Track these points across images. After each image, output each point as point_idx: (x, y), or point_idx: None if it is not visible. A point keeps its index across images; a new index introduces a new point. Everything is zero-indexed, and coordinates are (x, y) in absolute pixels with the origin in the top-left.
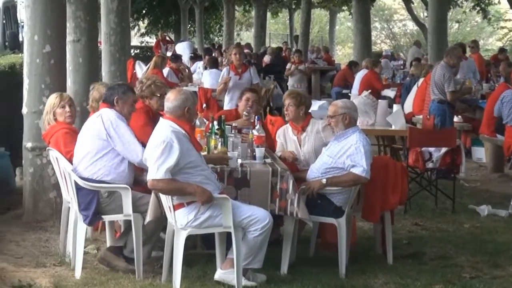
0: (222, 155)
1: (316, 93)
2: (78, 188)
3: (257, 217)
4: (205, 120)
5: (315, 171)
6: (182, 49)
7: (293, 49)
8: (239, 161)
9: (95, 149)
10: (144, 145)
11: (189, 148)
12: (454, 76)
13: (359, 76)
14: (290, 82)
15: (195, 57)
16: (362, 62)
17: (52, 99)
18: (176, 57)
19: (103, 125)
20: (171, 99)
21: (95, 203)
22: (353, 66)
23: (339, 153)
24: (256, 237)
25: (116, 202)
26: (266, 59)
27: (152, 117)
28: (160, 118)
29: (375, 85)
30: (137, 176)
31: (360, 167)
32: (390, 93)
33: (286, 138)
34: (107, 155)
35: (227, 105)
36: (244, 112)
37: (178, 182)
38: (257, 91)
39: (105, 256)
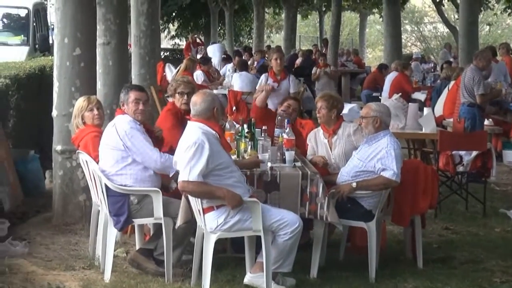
0: (255, 159)
1: (346, 96)
2: (108, 194)
3: (287, 221)
4: (235, 123)
5: (345, 175)
6: (213, 51)
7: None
8: (269, 164)
9: (117, 160)
10: (172, 148)
11: (219, 150)
12: (484, 79)
13: (389, 78)
14: (318, 86)
15: (227, 59)
16: (392, 65)
17: (80, 103)
18: (206, 60)
19: (118, 135)
20: (198, 102)
21: (126, 208)
22: (383, 69)
23: (369, 157)
24: (286, 240)
25: (147, 207)
26: (299, 61)
27: (181, 119)
28: (188, 121)
29: (406, 87)
30: (165, 183)
31: (391, 170)
32: (420, 96)
33: (317, 141)
34: (130, 165)
35: None
36: (278, 116)
37: (208, 185)
38: (298, 100)
39: (135, 257)
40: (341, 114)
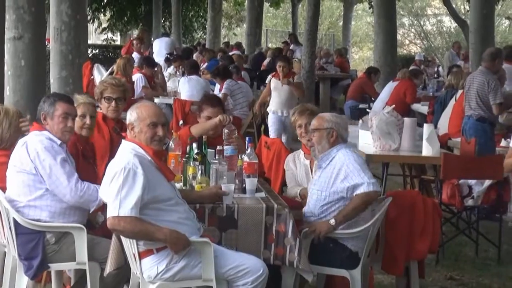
0: (216, 191)
1: (325, 108)
2: (18, 231)
3: (247, 267)
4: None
5: (310, 215)
6: (158, 48)
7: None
8: (235, 196)
9: (28, 187)
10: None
11: (158, 177)
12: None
13: (390, 86)
14: (274, 101)
15: (170, 59)
16: (398, 74)
17: None
18: (151, 62)
19: (29, 156)
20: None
21: (40, 250)
22: (372, 74)
23: (330, 181)
24: None
25: (67, 249)
26: (266, 62)
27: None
28: (122, 140)
29: (407, 97)
30: (90, 217)
31: (363, 183)
32: (420, 108)
33: (297, 164)
34: (45, 194)
35: None
36: (225, 129)
37: (145, 223)
38: (219, 103)
39: None
40: None
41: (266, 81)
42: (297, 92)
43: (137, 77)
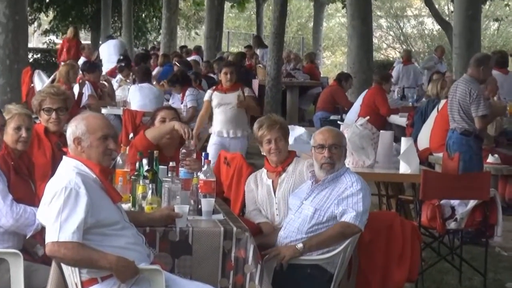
0: (168, 212)
1: (293, 119)
2: None
3: None
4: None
5: (296, 232)
6: (107, 52)
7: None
8: (189, 218)
9: None
10: None
11: (103, 198)
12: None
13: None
14: (217, 124)
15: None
16: (374, 77)
17: None
18: (92, 66)
19: None
20: None
21: None
22: (343, 81)
23: (328, 201)
24: None
25: (1, 278)
26: None
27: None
28: (64, 156)
29: (380, 107)
30: (29, 246)
31: (352, 212)
32: (399, 120)
33: (259, 184)
34: None
35: None
36: (183, 149)
37: (88, 250)
38: (174, 108)
39: None
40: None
41: (205, 98)
42: (254, 112)
43: (84, 87)
